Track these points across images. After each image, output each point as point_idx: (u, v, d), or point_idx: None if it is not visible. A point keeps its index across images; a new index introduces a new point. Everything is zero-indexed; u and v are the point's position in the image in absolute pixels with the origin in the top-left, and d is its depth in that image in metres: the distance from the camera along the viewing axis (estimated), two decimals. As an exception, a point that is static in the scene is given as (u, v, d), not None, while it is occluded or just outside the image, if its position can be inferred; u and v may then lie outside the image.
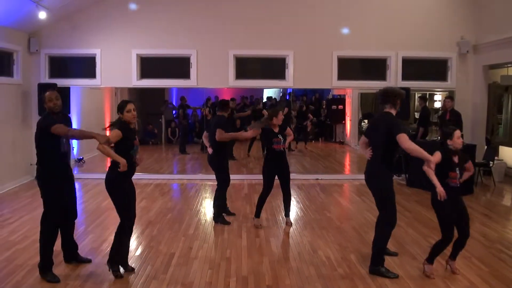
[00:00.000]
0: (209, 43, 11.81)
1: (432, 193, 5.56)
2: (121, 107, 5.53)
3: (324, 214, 8.63)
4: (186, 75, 11.92)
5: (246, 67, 12.17)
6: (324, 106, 18.57)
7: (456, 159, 5.58)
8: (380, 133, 5.74)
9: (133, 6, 11.39)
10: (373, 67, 12.25)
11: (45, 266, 5.57)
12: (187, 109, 17.18)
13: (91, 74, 11.85)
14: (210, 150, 8.08)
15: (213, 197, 8.33)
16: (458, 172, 5.52)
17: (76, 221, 6.11)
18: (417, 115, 14.80)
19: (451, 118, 11.16)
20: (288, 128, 7.94)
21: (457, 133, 5.61)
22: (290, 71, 11.90)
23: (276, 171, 7.73)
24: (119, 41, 11.75)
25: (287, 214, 7.94)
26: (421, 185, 10.16)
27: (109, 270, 5.58)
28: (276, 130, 7.62)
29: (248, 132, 8.77)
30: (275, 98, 17.92)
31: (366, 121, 17.91)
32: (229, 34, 11.85)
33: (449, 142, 5.58)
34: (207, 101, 15.68)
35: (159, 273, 5.77)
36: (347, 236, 7.31)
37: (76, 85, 12.20)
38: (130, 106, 5.52)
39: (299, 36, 11.86)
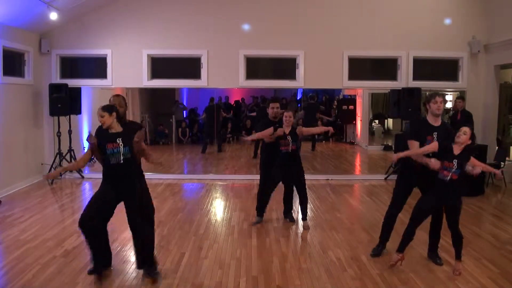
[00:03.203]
0: (220, 43, 11.83)
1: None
2: None
3: (335, 214, 8.61)
4: (196, 75, 11.94)
5: (257, 67, 12.18)
6: (334, 106, 18.49)
7: (456, 150, 5.73)
8: None
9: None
10: (384, 67, 12.20)
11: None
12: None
13: (102, 75, 11.91)
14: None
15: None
16: (455, 163, 5.65)
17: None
18: (428, 115, 14.71)
19: (462, 119, 11.11)
20: (300, 127, 7.67)
21: (464, 129, 5.82)
22: (300, 71, 11.89)
23: (283, 173, 7.74)
24: (130, 42, 11.80)
25: (303, 218, 7.84)
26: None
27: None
28: (287, 130, 7.45)
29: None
30: (284, 98, 17.88)
31: (376, 121, 17.86)
32: (240, 34, 11.86)
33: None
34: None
35: (169, 273, 5.79)
36: (357, 236, 7.29)
37: (87, 85, 12.26)
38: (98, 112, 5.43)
39: (310, 36, 11.85)
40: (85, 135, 13.79)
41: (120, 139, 5.32)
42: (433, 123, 6.06)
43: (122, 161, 5.34)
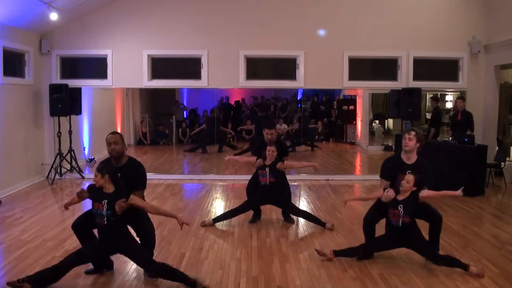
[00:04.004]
0: (220, 43, 11.83)
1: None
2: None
3: (335, 215, 8.61)
4: (197, 75, 11.95)
5: (257, 67, 12.19)
6: (335, 107, 18.53)
7: (401, 196, 5.81)
8: None
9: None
10: (384, 67, 12.21)
11: None
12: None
13: (103, 75, 11.91)
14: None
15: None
16: (401, 209, 5.76)
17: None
18: (428, 115, 14.74)
19: (462, 119, 11.11)
20: (286, 161, 7.78)
21: (407, 177, 5.82)
22: (301, 72, 11.89)
23: (263, 202, 7.94)
24: (130, 42, 11.81)
25: (322, 225, 7.78)
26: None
27: None
28: (268, 162, 7.59)
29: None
30: (285, 99, 17.92)
31: (377, 121, 17.88)
32: (240, 35, 11.87)
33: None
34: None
35: (170, 273, 5.79)
36: (357, 237, 7.25)
37: (88, 85, 12.27)
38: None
39: (310, 36, 11.86)
40: (85, 135, 13.82)
41: (106, 201, 5.22)
42: (406, 160, 6.10)
43: (105, 223, 5.24)
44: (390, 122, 17.74)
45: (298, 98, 17.72)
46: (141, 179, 5.77)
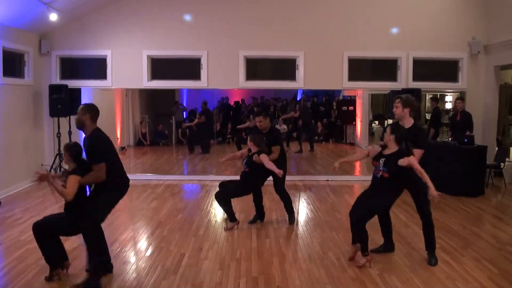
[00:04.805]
0: (220, 44, 11.83)
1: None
2: None
3: (335, 215, 8.61)
4: (196, 76, 11.94)
5: (257, 68, 12.18)
6: (334, 107, 18.52)
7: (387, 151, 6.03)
8: None
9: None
10: (384, 68, 12.20)
11: None
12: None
13: (102, 75, 11.91)
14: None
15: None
16: (381, 162, 5.97)
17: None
18: (428, 116, 14.73)
19: (461, 119, 11.11)
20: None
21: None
22: (300, 72, 11.89)
23: (239, 186, 7.94)
24: (130, 43, 11.80)
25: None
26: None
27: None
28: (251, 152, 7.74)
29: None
30: (285, 99, 17.92)
31: (376, 122, 17.87)
32: (240, 35, 11.86)
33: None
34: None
35: (169, 274, 5.79)
36: (357, 237, 7.29)
37: (87, 86, 12.24)
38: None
39: (310, 36, 11.85)
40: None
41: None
42: (404, 125, 6.27)
43: (66, 202, 5.52)
44: (389, 123, 17.71)
45: (298, 99, 17.71)
46: (95, 153, 5.55)
